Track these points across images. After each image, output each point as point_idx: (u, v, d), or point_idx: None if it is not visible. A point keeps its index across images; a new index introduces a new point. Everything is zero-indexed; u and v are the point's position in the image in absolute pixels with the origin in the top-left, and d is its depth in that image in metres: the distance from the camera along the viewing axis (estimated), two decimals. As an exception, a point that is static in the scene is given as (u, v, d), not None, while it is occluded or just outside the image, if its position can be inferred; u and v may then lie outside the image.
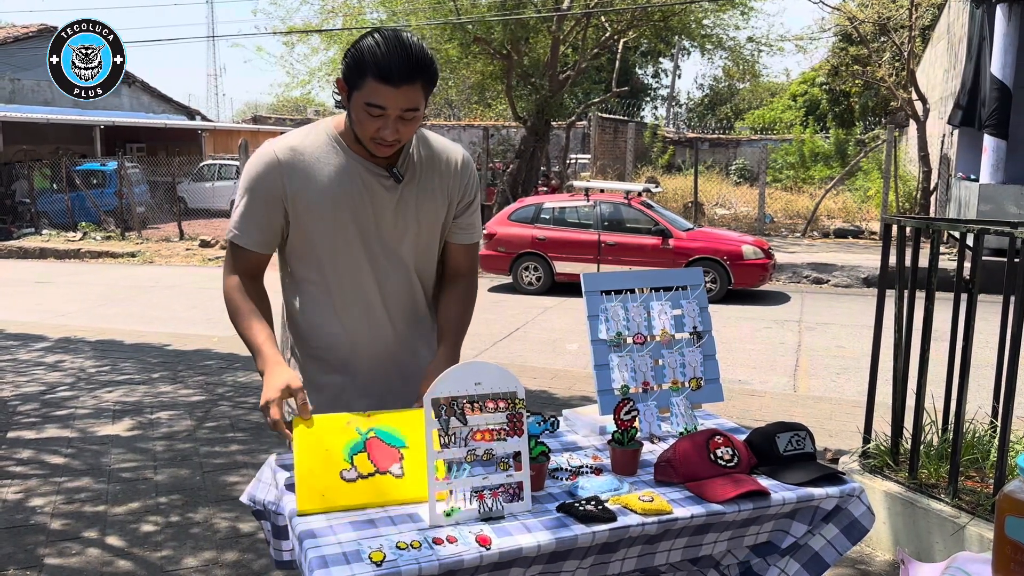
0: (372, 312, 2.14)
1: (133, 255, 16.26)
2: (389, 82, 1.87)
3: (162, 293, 11.89)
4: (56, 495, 4.17)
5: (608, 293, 2.38)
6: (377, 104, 1.89)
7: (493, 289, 12.05)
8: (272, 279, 2.16)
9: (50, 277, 13.73)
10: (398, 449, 1.90)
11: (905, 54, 16.17)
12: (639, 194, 12.06)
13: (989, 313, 3.83)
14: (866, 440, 3.78)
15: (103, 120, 23.10)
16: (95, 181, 20.22)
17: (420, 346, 2.23)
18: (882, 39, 19.06)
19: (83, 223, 18.86)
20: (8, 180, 20.05)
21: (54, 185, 19.70)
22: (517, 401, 1.83)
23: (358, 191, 2.06)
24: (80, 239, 17.85)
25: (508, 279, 12.07)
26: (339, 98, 2.01)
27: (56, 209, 19.41)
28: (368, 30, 1.96)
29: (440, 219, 2.17)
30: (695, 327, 2.42)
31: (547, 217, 11.99)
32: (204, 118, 31.34)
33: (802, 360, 7.64)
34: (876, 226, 16.71)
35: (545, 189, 18.00)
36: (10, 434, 5.16)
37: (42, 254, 16.78)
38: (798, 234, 16.95)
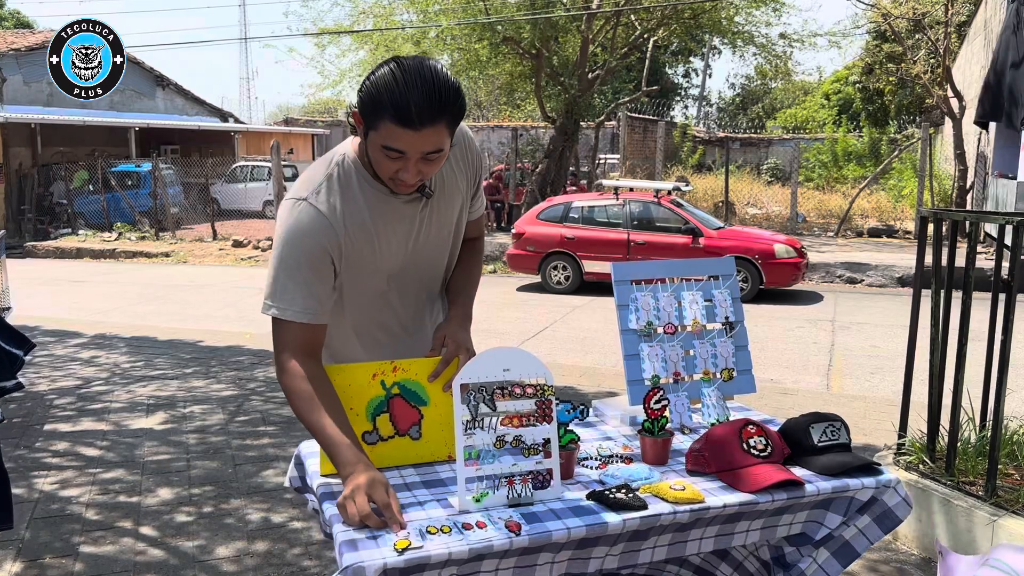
0: (392, 323, 2.08)
1: (167, 255, 16.48)
2: (408, 126, 1.68)
3: (196, 292, 12.04)
4: (91, 486, 4.23)
5: (638, 283, 2.36)
6: (396, 149, 1.72)
7: (522, 288, 12.04)
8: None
9: (86, 276, 13.96)
10: (419, 409, 1.97)
11: (941, 51, 15.91)
12: (669, 192, 11.98)
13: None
14: (901, 436, 3.72)
15: (138, 122, 23.45)
16: (130, 182, 20.54)
17: (435, 322, 2.15)
18: (917, 36, 18.77)
19: (118, 223, 19.16)
20: (46, 182, 20.43)
21: (90, 186, 20.04)
22: (546, 388, 1.82)
23: (393, 222, 1.92)
24: (115, 239, 18.12)
25: (537, 278, 12.05)
26: (353, 124, 1.83)
27: (92, 210, 19.74)
28: (385, 60, 1.76)
29: (464, 211, 2.11)
30: (727, 317, 2.39)
31: (576, 216, 11.95)
32: (237, 120, 31.69)
33: (836, 359, 7.54)
34: (911, 225, 16.46)
35: (574, 189, 17.96)
36: (46, 427, 5.25)
37: (78, 254, 17.07)
38: (831, 233, 16.75)
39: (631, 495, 1.76)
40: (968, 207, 15.64)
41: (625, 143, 22.23)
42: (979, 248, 10.31)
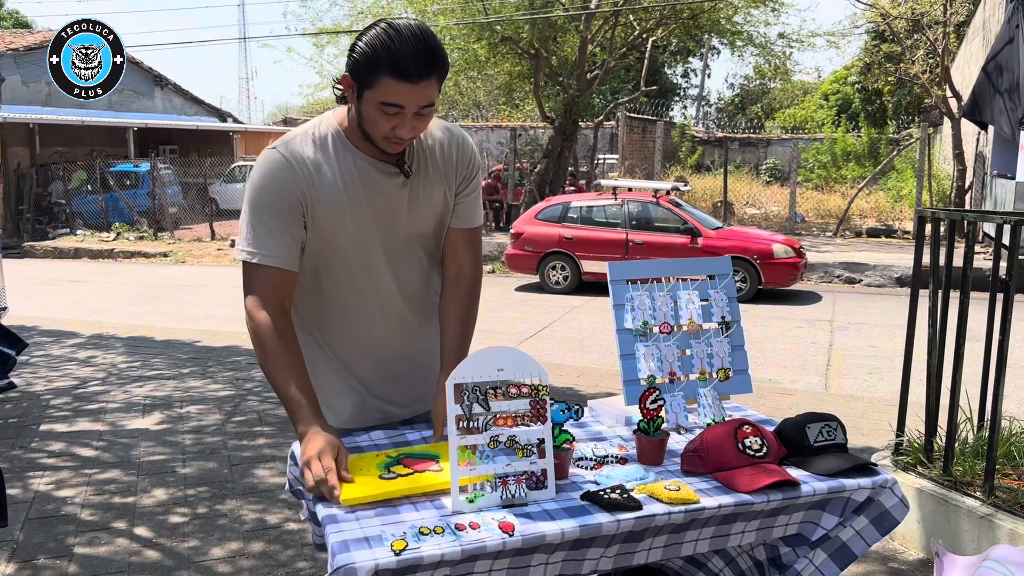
0: (391, 309, 2.07)
1: (165, 255, 16.46)
2: (408, 79, 1.75)
3: (193, 292, 12.02)
4: (86, 486, 4.22)
5: (634, 282, 2.34)
6: (395, 103, 1.78)
7: (520, 288, 12.03)
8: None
9: (84, 276, 13.94)
10: (434, 460, 1.92)
11: (940, 51, 15.90)
12: (667, 192, 11.97)
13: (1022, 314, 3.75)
14: (899, 436, 3.71)
15: (136, 122, 23.42)
16: (128, 182, 20.54)
17: (432, 341, 2.14)
18: (916, 36, 18.77)
19: (117, 223, 19.15)
20: (44, 181, 20.42)
21: (88, 186, 20.02)
22: (540, 388, 1.80)
23: (371, 193, 1.96)
24: (114, 239, 18.11)
25: (535, 278, 12.04)
26: (340, 92, 1.87)
27: (90, 210, 19.73)
28: (372, 23, 1.82)
29: (448, 205, 2.09)
30: (723, 317, 2.38)
31: (574, 216, 11.94)
32: (236, 120, 31.65)
33: (834, 359, 7.53)
34: (909, 225, 16.46)
35: (572, 189, 17.95)
36: (42, 427, 5.23)
37: (76, 254, 17.05)
38: (830, 233, 16.74)
39: (625, 495, 1.74)
40: (967, 207, 15.63)
41: (624, 143, 22.25)
42: (977, 248, 10.30)
